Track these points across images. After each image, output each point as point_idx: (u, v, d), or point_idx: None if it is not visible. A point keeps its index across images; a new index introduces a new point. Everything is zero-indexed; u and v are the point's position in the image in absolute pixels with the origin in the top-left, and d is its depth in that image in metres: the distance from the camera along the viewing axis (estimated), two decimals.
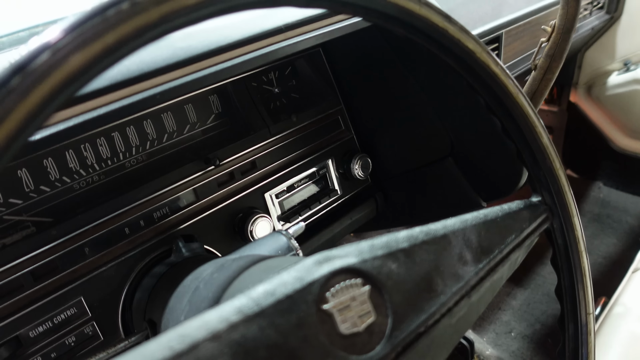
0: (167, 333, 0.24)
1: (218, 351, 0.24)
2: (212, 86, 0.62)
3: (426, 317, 0.31)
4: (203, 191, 0.60)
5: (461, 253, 0.35)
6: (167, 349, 0.24)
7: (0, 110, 0.18)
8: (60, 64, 0.20)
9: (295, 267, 0.30)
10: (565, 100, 1.69)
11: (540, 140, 0.40)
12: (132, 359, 0.23)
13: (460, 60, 0.39)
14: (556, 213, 0.42)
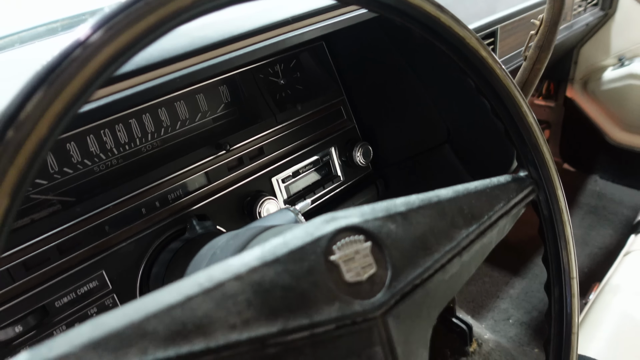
0: (196, 274, 0.28)
1: (240, 289, 0.28)
2: (222, 77, 0.66)
3: (421, 271, 0.35)
4: (214, 175, 0.64)
5: (453, 218, 0.39)
6: (197, 285, 0.27)
7: (66, 75, 0.22)
8: (112, 40, 0.24)
9: (305, 225, 0.34)
10: (561, 96, 1.73)
11: (525, 119, 0.44)
12: (165, 292, 0.27)
13: (452, 46, 0.43)
14: (541, 186, 0.45)
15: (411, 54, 0.73)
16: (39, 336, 0.52)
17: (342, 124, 0.79)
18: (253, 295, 0.28)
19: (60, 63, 0.22)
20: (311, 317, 0.29)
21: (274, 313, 0.28)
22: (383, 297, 0.33)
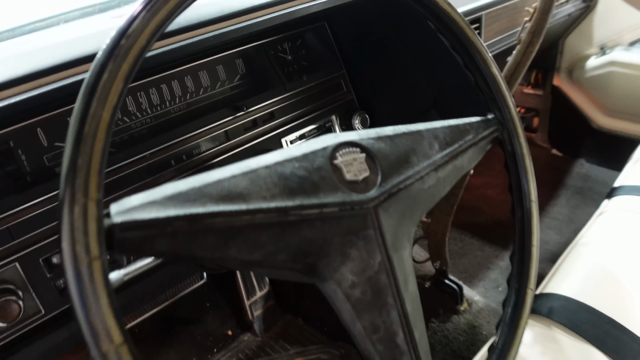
0: (237, 164, 0.38)
1: (269, 174, 0.38)
2: (239, 49, 0.76)
3: (404, 178, 0.45)
4: (232, 133, 0.74)
5: (431, 143, 0.49)
6: (238, 169, 0.38)
7: (156, 7, 0.32)
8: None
9: (316, 139, 0.44)
10: (549, 84, 1.84)
11: (489, 70, 0.54)
12: (217, 172, 0.37)
13: (430, 11, 0.53)
14: (505, 126, 0.56)
15: (402, 31, 0.83)
16: None
17: (342, 95, 0.89)
18: (278, 179, 0.39)
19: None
20: (320, 199, 0.40)
21: (293, 193, 0.39)
22: (375, 194, 0.43)
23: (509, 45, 1.23)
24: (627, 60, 1.58)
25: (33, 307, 0.57)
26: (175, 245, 0.33)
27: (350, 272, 0.41)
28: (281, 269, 0.40)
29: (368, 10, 0.85)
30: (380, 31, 0.86)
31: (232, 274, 1.32)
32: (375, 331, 0.42)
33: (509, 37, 1.21)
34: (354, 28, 0.88)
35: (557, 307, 0.81)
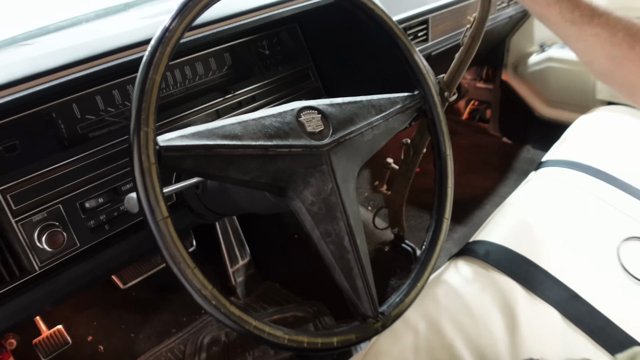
0: (235, 117, 0.57)
1: (255, 124, 0.58)
2: (227, 45, 0.95)
3: (348, 132, 0.65)
4: (222, 112, 0.93)
5: (369, 109, 0.69)
6: (235, 120, 0.57)
7: (180, 18, 0.51)
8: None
9: (287, 104, 0.63)
10: (498, 79, 2.06)
11: (413, 57, 0.74)
12: (222, 121, 0.56)
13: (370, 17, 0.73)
14: (426, 100, 0.76)
15: (357, 31, 1.03)
16: (114, 205, 0.79)
17: (310, 83, 1.08)
18: (261, 127, 0.58)
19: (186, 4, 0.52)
20: (290, 142, 0.59)
21: (271, 137, 0.58)
22: (327, 141, 0.63)
23: (454, 43, 1.44)
24: (562, 56, 1.81)
25: (71, 240, 0.75)
26: (196, 164, 0.52)
27: (310, 194, 0.60)
28: (263, 189, 0.59)
29: (331, 14, 1.04)
30: (340, 31, 1.06)
31: (217, 245, 1.50)
32: (328, 235, 0.61)
33: (454, 36, 1.41)
34: (320, 28, 1.08)
35: (485, 250, 1.02)
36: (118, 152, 0.80)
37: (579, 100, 1.81)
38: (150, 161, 0.47)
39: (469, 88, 2.20)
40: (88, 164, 0.77)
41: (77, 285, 0.78)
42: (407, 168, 1.28)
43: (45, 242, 0.70)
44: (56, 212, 0.73)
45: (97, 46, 0.71)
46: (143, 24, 0.78)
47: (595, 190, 1.16)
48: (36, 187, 0.72)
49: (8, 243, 0.70)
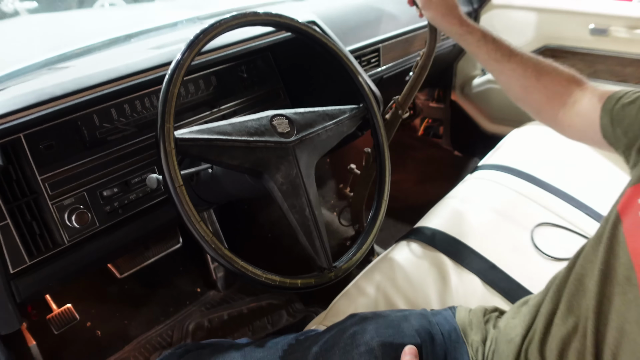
0: (225, 120, 0.80)
1: (240, 125, 0.80)
2: (213, 69, 1.18)
3: (309, 133, 0.88)
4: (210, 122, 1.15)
5: (324, 116, 0.92)
6: (226, 122, 0.79)
7: (195, 43, 0.74)
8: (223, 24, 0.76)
9: (263, 112, 0.86)
10: (448, 99, 2.34)
11: (358, 79, 0.98)
12: (218, 123, 0.78)
13: (324, 48, 0.97)
14: (368, 109, 0.99)
15: (317, 58, 1.27)
16: (124, 194, 1.00)
17: (281, 100, 1.32)
18: (245, 127, 0.80)
19: (197, 36, 0.75)
20: (265, 138, 0.82)
21: (251, 134, 0.80)
22: (293, 139, 0.85)
23: (404, 68, 1.70)
24: None
25: (92, 220, 0.95)
26: (200, 151, 0.74)
27: (280, 176, 0.83)
28: (246, 173, 0.82)
29: (297, 45, 1.28)
30: (304, 58, 1.30)
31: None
32: (293, 207, 0.83)
33: (403, 62, 1.67)
34: (288, 56, 1.32)
35: (425, 233, 1.25)
36: (129, 153, 1.01)
37: (515, 116, 2.09)
38: (171, 147, 0.69)
39: (423, 107, 2.47)
40: (105, 161, 0.98)
41: (95, 257, 0.98)
42: (367, 173, 1.51)
43: (74, 220, 0.90)
44: (81, 198, 0.94)
45: (123, 69, 0.94)
46: (152, 53, 1.00)
47: (517, 186, 1.42)
48: (66, 177, 0.92)
49: (45, 221, 0.90)
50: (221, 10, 1.69)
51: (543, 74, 0.95)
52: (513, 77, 0.99)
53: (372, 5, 1.62)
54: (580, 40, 1.94)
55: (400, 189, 2.30)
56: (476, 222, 1.30)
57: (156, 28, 1.34)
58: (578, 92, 0.92)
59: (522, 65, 0.97)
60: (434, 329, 0.86)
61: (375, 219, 0.95)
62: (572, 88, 0.93)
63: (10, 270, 0.85)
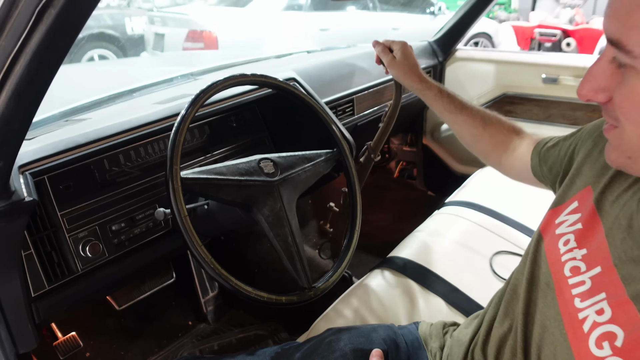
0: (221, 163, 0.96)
1: (233, 167, 0.96)
2: (205, 120, 1.35)
3: (290, 173, 1.04)
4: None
5: (303, 159, 1.09)
6: (221, 164, 0.96)
7: (192, 106, 0.91)
8: (219, 85, 0.93)
9: (252, 156, 1.03)
10: (420, 143, 2.53)
11: (332, 127, 1.16)
12: (212, 166, 0.95)
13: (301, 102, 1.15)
14: (341, 153, 1.17)
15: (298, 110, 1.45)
16: (130, 229, 1.14)
17: (266, 147, 1.49)
18: (237, 169, 0.97)
19: (198, 95, 0.92)
20: (254, 178, 0.98)
21: (242, 174, 0.97)
22: (277, 178, 1.02)
23: (376, 116, 1.89)
24: None
25: (102, 251, 1.09)
26: (201, 188, 0.90)
27: (267, 210, 0.99)
28: (238, 207, 0.97)
29: (280, 98, 1.47)
30: (286, 109, 1.48)
31: (191, 279, 1.83)
32: (278, 236, 0.99)
33: (375, 111, 1.86)
34: (272, 108, 1.50)
35: (396, 262, 1.41)
36: (134, 192, 1.16)
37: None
38: (178, 184, 0.85)
39: (397, 151, 2.67)
40: (114, 200, 1.13)
41: (104, 284, 1.11)
42: (345, 210, 1.67)
43: (88, 250, 1.05)
44: (93, 231, 1.08)
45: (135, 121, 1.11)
46: (158, 108, 1.17)
47: (479, 220, 1.59)
48: (81, 213, 1.07)
49: (62, 251, 1.04)
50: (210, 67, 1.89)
51: (489, 125, 1.13)
52: (464, 127, 1.15)
53: (345, 61, 1.83)
54: (535, 88, 2.17)
55: (378, 227, 2.46)
56: (442, 252, 1.46)
57: (155, 84, 1.52)
58: (517, 139, 1.09)
59: (472, 117, 1.13)
60: (399, 339, 1.01)
61: (349, 247, 1.11)
62: (512, 136, 1.10)
63: (32, 293, 0.98)
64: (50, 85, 0.67)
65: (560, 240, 0.74)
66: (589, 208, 0.72)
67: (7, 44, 0.60)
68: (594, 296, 0.62)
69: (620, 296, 0.58)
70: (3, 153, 0.73)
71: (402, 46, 1.22)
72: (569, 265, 0.69)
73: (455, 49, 2.32)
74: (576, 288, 0.65)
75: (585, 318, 0.61)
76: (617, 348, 0.56)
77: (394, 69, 1.23)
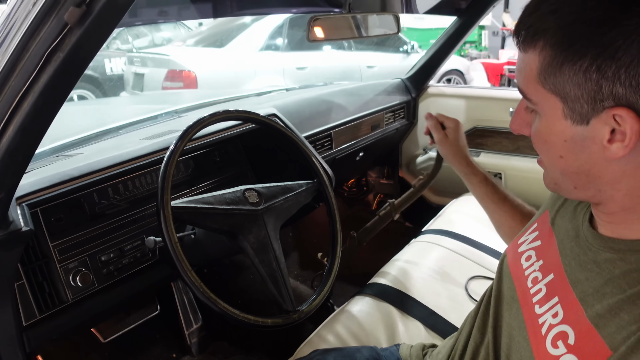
0: (208, 194, 1.02)
1: (220, 197, 1.02)
2: (190, 155, 1.41)
3: (274, 202, 1.11)
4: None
5: (285, 189, 1.15)
6: (209, 194, 1.01)
7: (180, 141, 0.97)
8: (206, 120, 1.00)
9: (238, 187, 1.09)
10: (396, 176, 2.62)
11: (311, 159, 1.23)
12: (200, 196, 1.00)
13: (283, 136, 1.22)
14: (321, 184, 1.24)
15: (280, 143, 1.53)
16: (119, 259, 1.18)
17: (249, 180, 1.55)
18: (223, 198, 1.03)
19: (187, 130, 0.98)
20: (240, 207, 1.04)
21: (228, 203, 1.03)
22: (261, 207, 1.08)
23: (354, 150, 1.98)
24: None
25: (91, 280, 1.13)
26: (189, 217, 0.95)
27: (252, 237, 1.04)
28: (224, 234, 1.03)
29: (261, 133, 1.54)
30: (268, 143, 1.55)
31: (175, 312, 1.85)
32: (263, 262, 1.04)
33: (353, 145, 1.95)
34: (254, 141, 1.57)
35: (376, 288, 1.46)
36: (122, 224, 1.21)
37: (454, 188, 2.38)
38: (168, 213, 0.90)
39: (375, 184, 2.75)
40: (103, 231, 1.17)
41: (93, 313, 1.14)
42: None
43: (79, 280, 1.08)
44: (84, 262, 1.12)
45: (125, 155, 1.16)
46: (146, 143, 1.23)
47: (454, 247, 1.67)
48: (72, 245, 1.11)
49: (53, 281, 1.07)
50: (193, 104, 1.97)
51: (525, 221, 1.10)
52: (505, 219, 1.13)
53: (322, 98, 1.92)
54: (503, 122, 2.28)
55: (358, 258, 2.50)
56: (419, 278, 1.52)
57: (141, 121, 1.58)
58: None
59: (512, 210, 1.12)
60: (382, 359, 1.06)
61: (330, 272, 1.16)
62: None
63: (24, 322, 1.01)
64: (52, 122, 0.73)
65: (523, 256, 0.81)
66: (546, 228, 0.80)
67: (16, 84, 0.66)
68: (549, 301, 0.69)
69: (569, 298, 0.65)
70: (6, 184, 0.77)
71: (455, 126, 1.22)
72: (530, 277, 0.76)
73: (428, 85, 2.44)
74: (536, 296, 0.72)
75: (544, 322, 0.67)
76: (570, 346, 0.61)
77: (444, 148, 1.22)
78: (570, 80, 0.57)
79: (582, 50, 0.54)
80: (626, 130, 0.55)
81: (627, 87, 0.53)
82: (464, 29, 2.16)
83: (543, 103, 0.61)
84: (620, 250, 0.62)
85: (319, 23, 1.37)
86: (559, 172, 0.65)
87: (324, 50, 5.95)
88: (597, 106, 0.56)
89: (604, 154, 0.58)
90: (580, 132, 0.59)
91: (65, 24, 0.59)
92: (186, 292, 1.88)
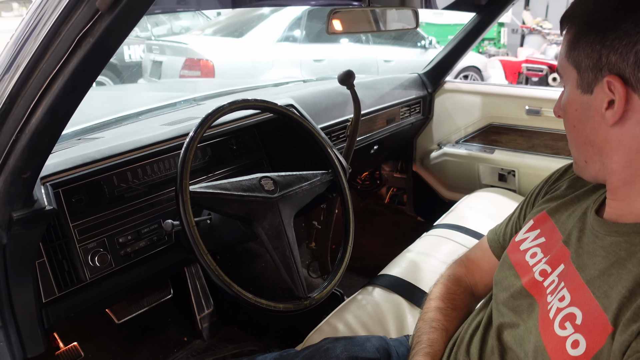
0: (225, 179, 1.04)
1: (237, 183, 1.05)
2: (208, 142, 1.43)
3: (289, 191, 1.13)
4: None
5: (300, 179, 1.17)
6: (225, 181, 1.04)
7: (200, 127, 1.00)
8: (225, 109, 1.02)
9: (255, 174, 1.11)
10: (410, 170, 2.63)
11: (327, 149, 1.25)
12: (217, 182, 1.03)
13: (299, 126, 1.24)
14: (336, 174, 1.25)
15: (296, 133, 1.54)
16: (136, 242, 1.21)
17: (264, 168, 1.57)
18: (240, 185, 1.05)
19: (206, 117, 1.01)
20: (255, 194, 1.07)
21: (245, 190, 1.05)
22: (277, 195, 1.10)
23: (368, 142, 2.00)
24: (454, 152, 2.40)
25: (109, 261, 1.16)
26: (207, 202, 0.97)
27: (267, 224, 1.06)
28: (240, 220, 1.05)
29: (278, 123, 1.56)
30: (283, 132, 1.57)
31: (187, 296, 1.88)
32: (276, 248, 1.06)
33: (367, 137, 1.97)
34: (270, 131, 1.59)
35: (385, 279, 1.48)
36: (140, 207, 1.24)
37: (467, 185, 2.39)
38: (187, 197, 0.93)
39: (388, 178, 2.76)
40: (122, 214, 1.20)
41: (109, 294, 1.18)
42: (326, 225, 1.76)
43: (97, 260, 1.11)
44: (102, 243, 1.15)
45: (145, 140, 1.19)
46: (166, 129, 1.26)
47: (464, 241, 1.68)
48: (91, 225, 1.14)
49: (72, 260, 1.10)
50: (211, 93, 1.99)
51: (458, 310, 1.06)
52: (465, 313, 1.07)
53: (339, 90, 1.93)
54: (519, 119, 2.28)
55: (369, 250, 2.53)
56: (429, 270, 1.53)
57: (160, 107, 1.61)
58: (473, 281, 1.11)
59: (466, 310, 1.07)
60: (391, 349, 1.08)
61: (342, 260, 1.18)
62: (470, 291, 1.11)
63: (43, 299, 1.05)
64: (80, 104, 0.76)
65: (527, 254, 0.86)
66: (548, 226, 0.85)
67: (47, 67, 0.69)
68: (557, 287, 0.73)
69: (576, 282, 0.69)
70: (32, 164, 0.80)
71: None
72: (538, 271, 0.79)
73: (444, 81, 2.44)
74: (549, 287, 0.75)
75: (551, 307, 0.71)
76: (577, 326, 0.66)
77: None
78: (583, 51, 0.66)
79: (595, 27, 0.65)
80: (616, 97, 0.63)
81: (618, 54, 0.62)
82: (482, 26, 2.16)
83: (567, 75, 0.71)
84: (625, 233, 0.67)
85: (339, 16, 1.38)
86: (574, 145, 0.73)
87: (341, 43, 5.94)
88: (598, 74, 0.65)
89: (602, 122, 0.66)
90: (586, 100, 0.68)
91: (96, 11, 0.61)
92: (199, 277, 1.92)
